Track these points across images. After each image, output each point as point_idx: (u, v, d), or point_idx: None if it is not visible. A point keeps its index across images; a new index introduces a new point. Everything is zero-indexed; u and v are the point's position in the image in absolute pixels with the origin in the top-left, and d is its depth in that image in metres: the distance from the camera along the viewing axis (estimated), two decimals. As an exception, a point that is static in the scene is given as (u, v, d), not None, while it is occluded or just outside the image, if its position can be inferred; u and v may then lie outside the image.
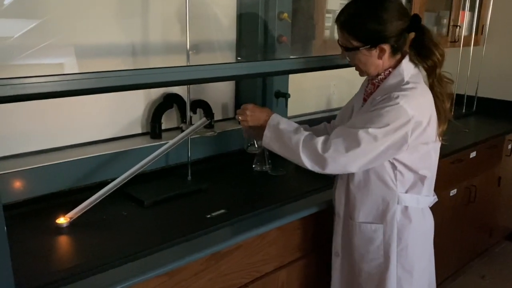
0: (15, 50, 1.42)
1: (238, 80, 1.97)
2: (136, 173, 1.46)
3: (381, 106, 1.28)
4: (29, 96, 1.01)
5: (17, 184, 1.42)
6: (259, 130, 1.41)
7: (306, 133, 1.35)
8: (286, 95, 2.01)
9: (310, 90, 2.39)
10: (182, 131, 1.66)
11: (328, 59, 1.62)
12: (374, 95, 1.36)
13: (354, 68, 1.40)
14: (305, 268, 1.62)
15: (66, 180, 1.51)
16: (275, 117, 1.40)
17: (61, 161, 1.50)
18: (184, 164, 1.75)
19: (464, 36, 2.79)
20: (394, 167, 1.34)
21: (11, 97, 0.99)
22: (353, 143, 1.27)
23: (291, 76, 2.06)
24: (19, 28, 1.42)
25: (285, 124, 1.38)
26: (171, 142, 1.54)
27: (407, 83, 1.31)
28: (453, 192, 2.31)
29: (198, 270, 1.29)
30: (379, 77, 1.37)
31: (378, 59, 1.33)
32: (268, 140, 1.38)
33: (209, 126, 1.88)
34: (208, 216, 1.42)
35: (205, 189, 1.64)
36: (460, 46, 2.79)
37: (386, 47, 1.30)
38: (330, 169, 1.31)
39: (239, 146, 1.96)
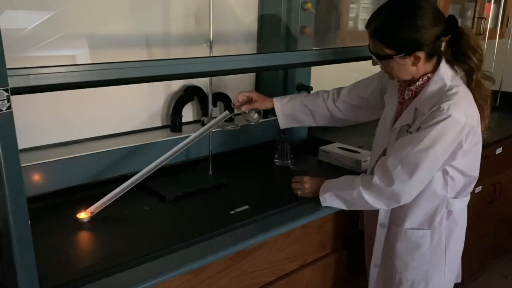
0: (29, 42, 1.38)
1: (260, 71, 1.92)
2: (159, 166, 1.43)
3: (433, 122, 1.22)
4: (43, 88, 0.97)
5: (37, 177, 1.39)
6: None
7: (358, 179, 1.34)
8: (308, 88, 1.96)
9: (332, 83, 2.31)
10: (203, 124, 1.62)
11: (352, 51, 1.56)
12: (416, 104, 1.30)
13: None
14: (330, 267, 1.58)
15: (86, 174, 1.48)
16: (327, 184, 1.41)
17: (82, 154, 1.47)
18: (205, 158, 1.71)
19: (489, 29, 2.70)
20: (445, 173, 1.32)
21: (26, 88, 0.95)
22: (414, 167, 1.24)
23: (313, 68, 2.00)
24: (33, 19, 1.38)
25: (338, 184, 1.39)
26: (194, 135, 1.50)
27: (450, 88, 1.25)
28: (478, 189, 2.24)
29: (223, 267, 1.25)
30: (417, 83, 1.31)
31: (412, 66, 1.27)
32: (329, 204, 1.40)
33: (230, 120, 1.84)
34: (232, 212, 1.38)
35: (226, 183, 1.60)
36: (485, 39, 2.70)
37: (421, 54, 1.24)
38: (405, 199, 1.30)
39: (260, 139, 1.92)
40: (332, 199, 1.40)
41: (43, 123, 1.46)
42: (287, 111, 1.57)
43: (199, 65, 1.22)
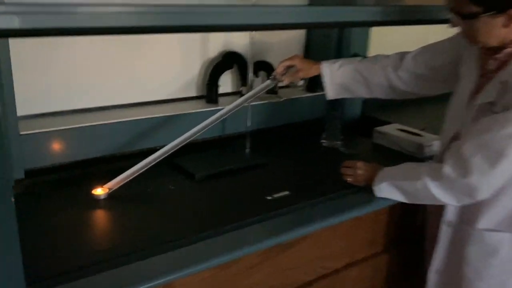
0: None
1: (311, 28, 1.66)
2: (188, 141, 1.24)
3: None
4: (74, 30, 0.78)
5: (54, 145, 1.24)
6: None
7: (424, 167, 1.13)
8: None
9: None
10: (242, 95, 1.42)
11: (425, 11, 1.28)
12: (504, 77, 1.04)
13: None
14: (380, 268, 1.36)
15: (108, 145, 1.32)
16: (385, 172, 1.21)
17: (104, 123, 1.30)
18: (242, 135, 1.51)
19: None
20: None
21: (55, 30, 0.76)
22: (498, 156, 1.01)
23: (373, 36, 1.74)
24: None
25: (399, 172, 1.19)
26: (229, 106, 1.30)
27: None
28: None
29: (255, 262, 1.06)
30: (505, 50, 1.04)
31: (503, 28, 1.00)
32: (385, 195, 1.20)
33: (273, 92, 1.62)
34: (269, 198, 1.18)
35: (265, 164, 1.40)
36: None
37: None
38: (483, 194, 1.06)
39: (305, 116, 1.70)
40: (389, 190, 1.17)
41: (64, 86, 1.31)
42: (337, 79, 1.33)
43: (240, 14, 0.99)
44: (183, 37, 1.48)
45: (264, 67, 1.61)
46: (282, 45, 1.69)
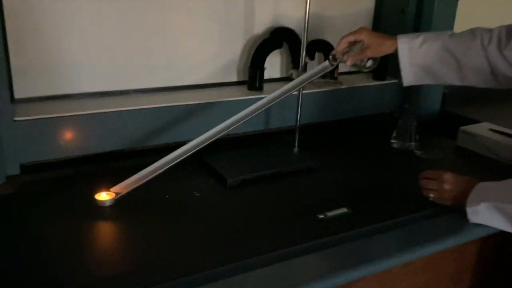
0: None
1: None
2: (220, 135, 0.97)
3: None
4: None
5: (57, 135, 1.01)
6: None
7: None
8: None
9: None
10: (292, 80, 1.12)
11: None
12: None
13: None
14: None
15: (123, 137, 1.08)
16: (482, 189, 0.89)
17: (118, 110, 1.06)
18: (290, 130, 1.23)
19: None
20: None
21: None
22: None
23: (459, 12, 1.38)
24: None
25: (502, 189, 0.88)
26: (275, 93, 1.02)
27: None
28: None
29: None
30: None
31: None
32: (483, 220, 0.89)
33: (331, 77, 1.32)
34: (321, 216, 0.89)
35: (317, 169, 1.10)
36: None
37: None
38: None
39: (370, 109, 1.39)
40: (489, 214, 0.85)
41: (75, 64, 1.07)
42: (419, 59, 1.00)
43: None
44: (223, 7, 1.21)
45: (321, 48, 1.31)
46: (345, 21, 1.37)
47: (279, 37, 1.26)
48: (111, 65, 1.11)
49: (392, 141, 1.26)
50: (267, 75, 1.27)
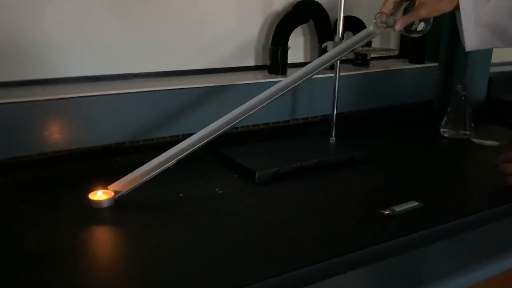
0: None
1: None
2: (241, 119, 0.76)
3: None
4: None
5: (48, 125, 0.81)
6: None
7: None
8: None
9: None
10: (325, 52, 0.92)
11: None
12: None
13: None
14: None
15: (121, 128, 0.87)
16: None
17: (112, 92, 0.86)
18: (318, 122, 1.03)
19: None
20: None
21: None
22: None
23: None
24: None
25: None
26: (309, 66, 0.82)
27: None
28: None
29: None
30: None
31: None
32: None
33: (363, 62, 1.13)
34: (386, 212, 0.67)
35: (362, 159, 0.90)
36: None
37: None
38: None
39: (409, 97, 1.20)
40: None
41: (65, 42, 0.87)
42: (486, 15, 0.81)
43: None
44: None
45: (354, 27, 1.12)
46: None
47: (304, 11, 1.07)
48: (102, 44, 0.91)
49: (442, 129, 1.06)
50: (289, 59, 1.08)
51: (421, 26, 0.86)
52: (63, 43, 0.86)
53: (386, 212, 0.67)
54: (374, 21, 0.85)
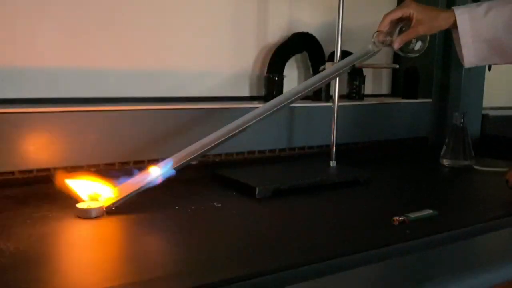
0: None
1: None
2: (231, 134, 0.73)
3: None
4: None
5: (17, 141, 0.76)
6: None
7: None
8: None
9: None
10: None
11: None
12: None
13: None
14: None
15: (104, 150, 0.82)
16: None
17: (94, 109, 0.82)
18: (315, 153, 1.00)
19: None
20: None
21: None
22: None
23: None
24: None
25: None
26: (310, 80, 0.81)
27: None
28: None
29: None
30: None
31: None
32: None
33: (358, 97, 1.13)
34: (400, 219, 0.62)
35: (365, 180, 0.86)
36: None
37: None
38: None
39: (403, 133, 1.19)
40: None
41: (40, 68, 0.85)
42: (484, 31, 0.81)
43: None
44: (234, 14, 1.04)
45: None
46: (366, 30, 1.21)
47: (299, 42, 1.08)
48: (83, 70, 0.89)
49: (442, 159, 1.04)
50: (284, 90, 1.07)
51: (418, 45, 0.86)
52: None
53: (399, 219, 0.62)
54: (372, 40, 0.86)
